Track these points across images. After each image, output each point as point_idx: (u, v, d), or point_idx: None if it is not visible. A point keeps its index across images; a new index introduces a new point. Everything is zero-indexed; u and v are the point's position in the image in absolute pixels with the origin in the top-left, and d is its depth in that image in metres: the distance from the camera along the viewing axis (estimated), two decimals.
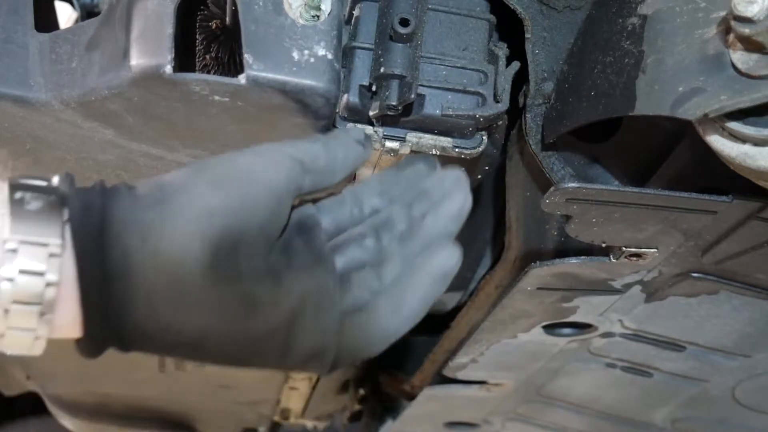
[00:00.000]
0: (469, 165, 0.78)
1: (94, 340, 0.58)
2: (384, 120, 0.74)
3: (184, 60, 0.76)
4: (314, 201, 0.67)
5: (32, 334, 0.56)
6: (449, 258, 0.66)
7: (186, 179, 0.60)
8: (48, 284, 0.54)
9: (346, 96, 0.73)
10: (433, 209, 0.68)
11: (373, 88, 0.73)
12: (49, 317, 0.55)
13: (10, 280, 0.54)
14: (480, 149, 0.77)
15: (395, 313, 0.64)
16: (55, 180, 0.58)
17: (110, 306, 0.57)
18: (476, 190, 1.04)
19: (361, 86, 0.74)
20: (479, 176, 0.87)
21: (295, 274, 0.61)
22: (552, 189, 0.75)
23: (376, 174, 0.73)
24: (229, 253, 0.58)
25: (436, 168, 0.72)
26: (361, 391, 1.72)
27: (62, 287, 0.55)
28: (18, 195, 0.56)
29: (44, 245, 0.54)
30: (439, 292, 0.66)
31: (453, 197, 0.68)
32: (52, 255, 0.54)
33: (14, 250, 0.54)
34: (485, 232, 1.14)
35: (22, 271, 0.54)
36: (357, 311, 0.63)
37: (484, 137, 0.77)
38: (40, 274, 0.54)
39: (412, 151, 0.75)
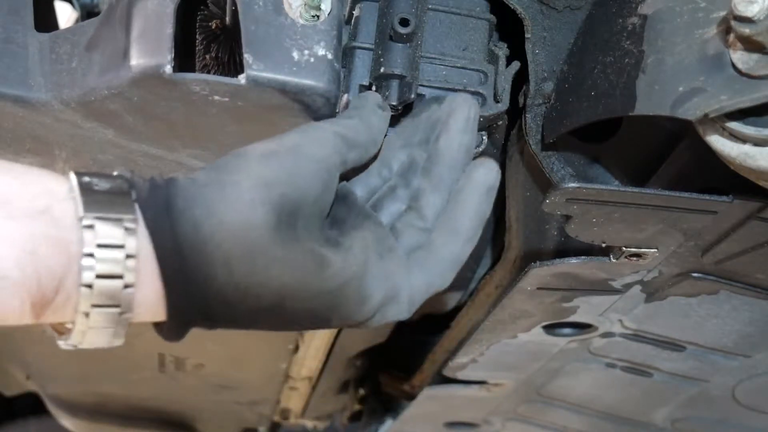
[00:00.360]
0: None
1: (179, 317, 0.59)
2: None
3: (184, 60, 0.76)
4: (347, 179, 0.70)
5: (117, 311, 0.56)
6: (489, 172, 0.69)
7: (235, 159, 0.62)
8: (128, 256, 0.55)
9: (346, 96, 0.73)
10: (444, 130, 0.70)
11: (373, 88, 0.73)
12: (131, 292, 0.56)
13: (90, 255, 0.55)
14: (480, 149, 0.77)
15: (452, 239, 0.67)
16: (115, 172, 0.60)
17: (190, 279, 0.58)
18: None
19: (361, 86, 0.74)
20: None
21: (350, 234, 0.64)
22: (552, 189, 0.75)
23: (394, 129, 0.74)
24: (290, 217, 0.60)
25: None
26: (361, 391, 1.72)
27: (140, 264, 0.56)
28: (86, 179, 0.57)
29: (119, 220, 0.55)
30: (489, 207, 0.69)
31: (456, 112, 0.70)
32: (127, 230, 0.55)
33: (91, 226, 0.55)
34: (485, 232, 1.14)
35: (101, 246, 0.55)
36: (416, 250, 0.67)
37: (484, 137, 0.77)
38: (120, 246, 0.55)
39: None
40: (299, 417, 1.79)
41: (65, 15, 1.14)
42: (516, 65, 0.79)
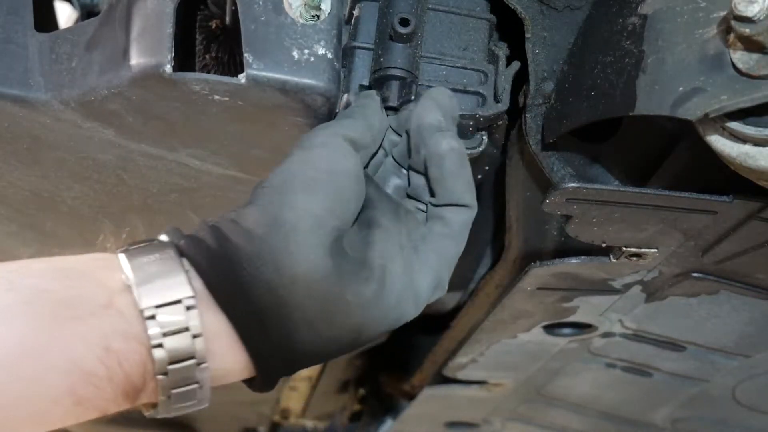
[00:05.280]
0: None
1: (268, 378, 0.61)
2: None
3: (184, 60, 0.76)
4: None
5: (195, 387, 0.58)
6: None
7: (280, 195, 0.61)
8: (195, 336, 0.56)
9: (346, 96, 0.73)
10: (422, 143, 0.68)
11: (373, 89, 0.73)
12: (205, 367, 0.57)
13: (159, 346, 0.56)
14: (480, 149, 0.77)
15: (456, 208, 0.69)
16: (161, 236, 0.60)
17: (275, 343, 0.59)
18: (476, 190, 1.04)
19: (362, 86, 0.74)
20: (479, 176, 0.87)
21: (382, 240, 0.63)
22: (552, 189, 0.75)
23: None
24: (338, 246, 0.60)
25: None
26: (361, 391, 1.72)
27: (212, 340, 0.57)
28: (136, 261, 0.57)
29: (178, 302, 0.56)
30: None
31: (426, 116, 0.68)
32: (189, 308, 0.56)
33: (153, 317, 0.56)
34: (485, 232, 1.14)
35: (167, 334, 0.56)
36: (434, 222, 0.67)
37: (484, 137, 0.77)
38: (185, 330, 0.56)
39: None
40: (299, 417, 1.79)
41: (65, 15, 1.14)
42: (516, 65, 0.79)
